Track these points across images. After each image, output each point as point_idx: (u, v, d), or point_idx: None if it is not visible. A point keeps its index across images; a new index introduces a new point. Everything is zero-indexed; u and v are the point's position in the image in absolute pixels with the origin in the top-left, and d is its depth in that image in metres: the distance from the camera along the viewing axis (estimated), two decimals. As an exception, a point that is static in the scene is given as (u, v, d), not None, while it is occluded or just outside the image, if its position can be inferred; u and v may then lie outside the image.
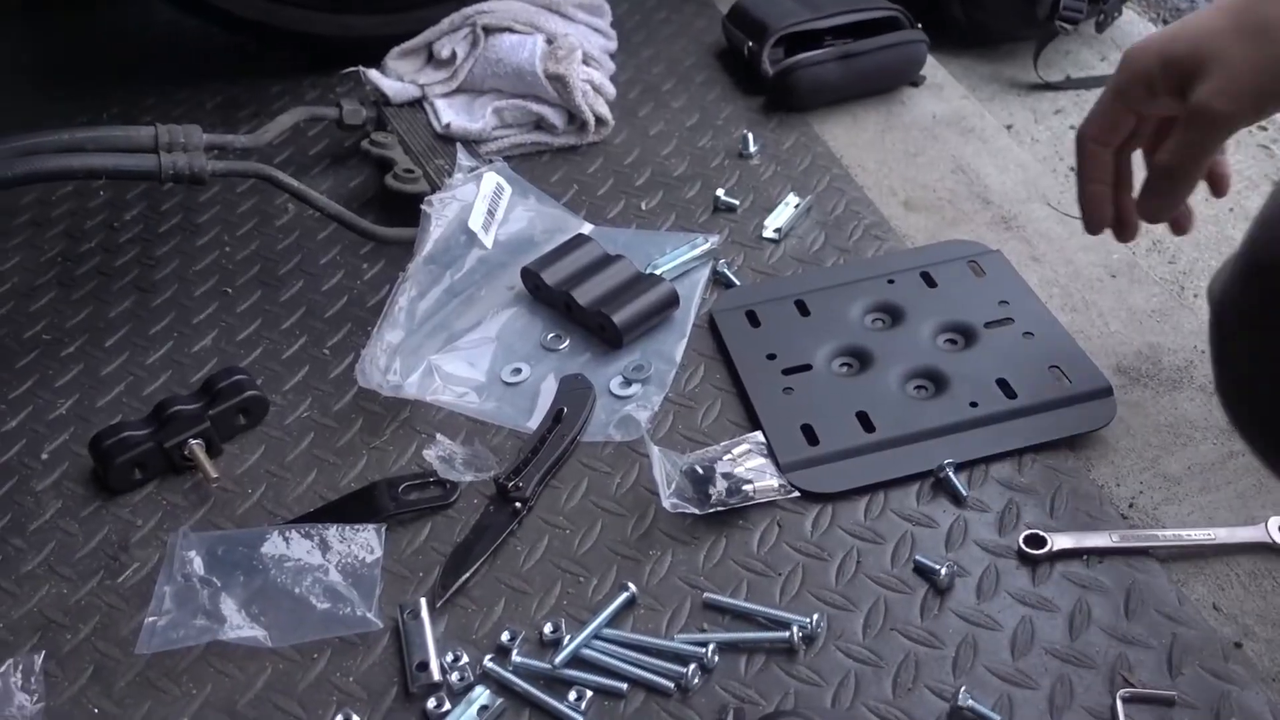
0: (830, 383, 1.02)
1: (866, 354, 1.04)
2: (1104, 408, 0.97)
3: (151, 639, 0.87)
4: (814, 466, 0.94)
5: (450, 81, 1.38)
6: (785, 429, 0.97)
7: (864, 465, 0.94)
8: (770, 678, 0.82)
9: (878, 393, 1.00)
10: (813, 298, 1.10)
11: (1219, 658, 0.80)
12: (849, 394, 1.00)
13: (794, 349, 1.05)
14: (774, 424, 0.98)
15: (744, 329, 1.08)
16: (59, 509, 0.99)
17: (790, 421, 0.98)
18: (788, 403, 1.00)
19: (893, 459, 0.95)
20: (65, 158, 1.07)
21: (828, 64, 1.39)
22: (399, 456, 1.01)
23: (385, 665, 0.85)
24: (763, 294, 1.12)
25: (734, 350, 1.06)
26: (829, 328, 1.07)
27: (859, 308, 1.09)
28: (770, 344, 1.06)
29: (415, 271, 1.09)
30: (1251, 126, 1.43)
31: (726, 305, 1.11)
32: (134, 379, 1.12)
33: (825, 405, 0.99)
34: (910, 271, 1.12)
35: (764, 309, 1.09)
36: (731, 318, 1.09)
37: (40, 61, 1.73)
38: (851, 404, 0.99)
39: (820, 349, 1.05)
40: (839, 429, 0.97)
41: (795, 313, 1.09)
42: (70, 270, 1.28)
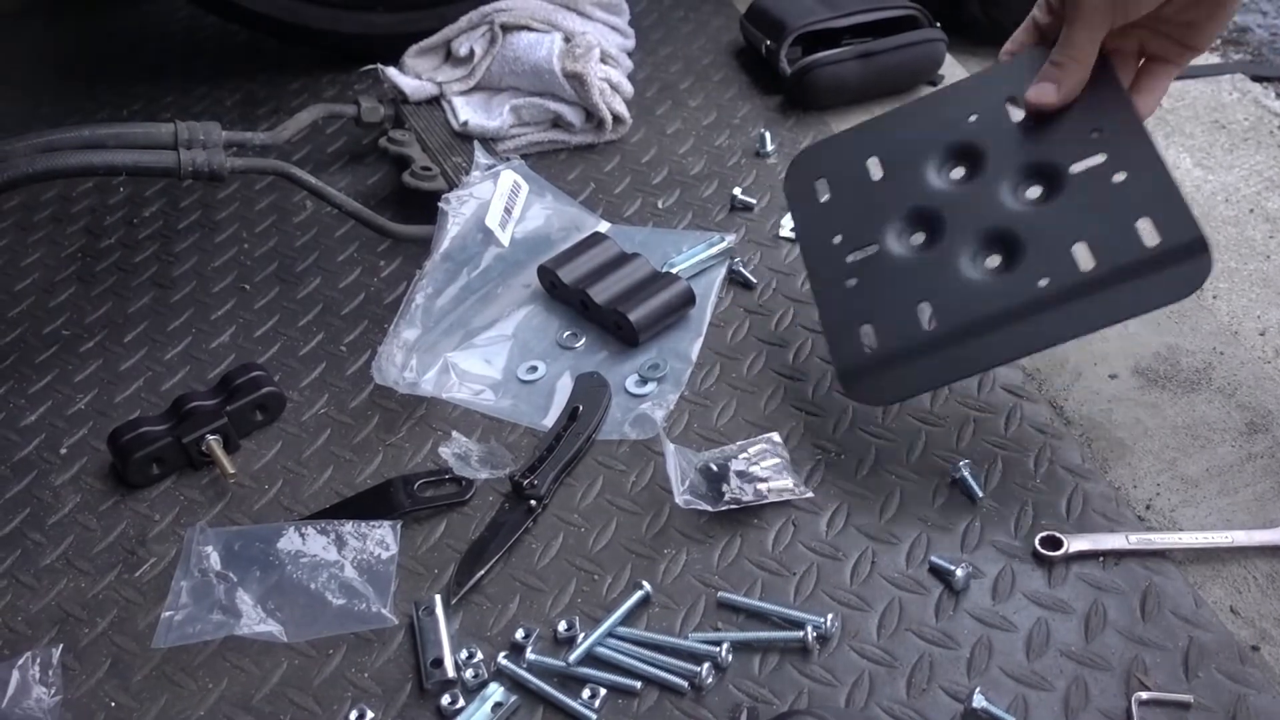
0: (894, 265, 0.92)
1: (938, 219, 0.92)
2: (1193, 270, 0.82)
3: (168, 633, 0.88)
4: (870, 374, 0.86)
5: (468, 79, 1.38)
6: (845, 330, 0.89)
7: (921, 369, 0.86)
8: (784, 677, 0.82)
9: (945, 273, 0.89)
10: (885, 149, 0.98)
11: (1236, 661, 0.80)
12: (913, 279, 0.90)
13: (858, 226, 0.94)
14: (833, 324, 0.90)
15: (812, 204, 0.98)
16: (77, 503, 1.00)
17: (850, 318, 0.89)
18: (850, 300, 0.91)
19: (951, 359, 0.86)
20: (86, 154, 1.08)
21: (846, 63, 1.39)
22: (415, 453, 1.01)
23: (400, 661, 0.85)
24: (834, 152, 1.01)
25: (801, 235, 0.99)
26: (899, 191, 0.95)
27: (936, 155, 0.96)
28: (837, 221, 0.96)
29: (432, 269, 1.09)
30: (1272, 126, 1.42)
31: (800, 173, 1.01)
32: (152, 374, 1.13)
33: (887, 297, 0.90)
34: (995, 108, 0.96)
35: (834, 173, 0.99)
36: (802, 190, 1.00)
37: (62, 59, 1.74)
38: (914, 292, 0.89)
39: (886, 223, 0.94)
40: (897, 325, 0.88)
41: (865, 175, 0.98)
42: (90, 266, 1.29)
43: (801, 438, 0.99)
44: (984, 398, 1.01)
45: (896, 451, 0.97)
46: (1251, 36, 1.73)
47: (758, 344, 1.09)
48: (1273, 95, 1.51)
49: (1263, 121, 1.44)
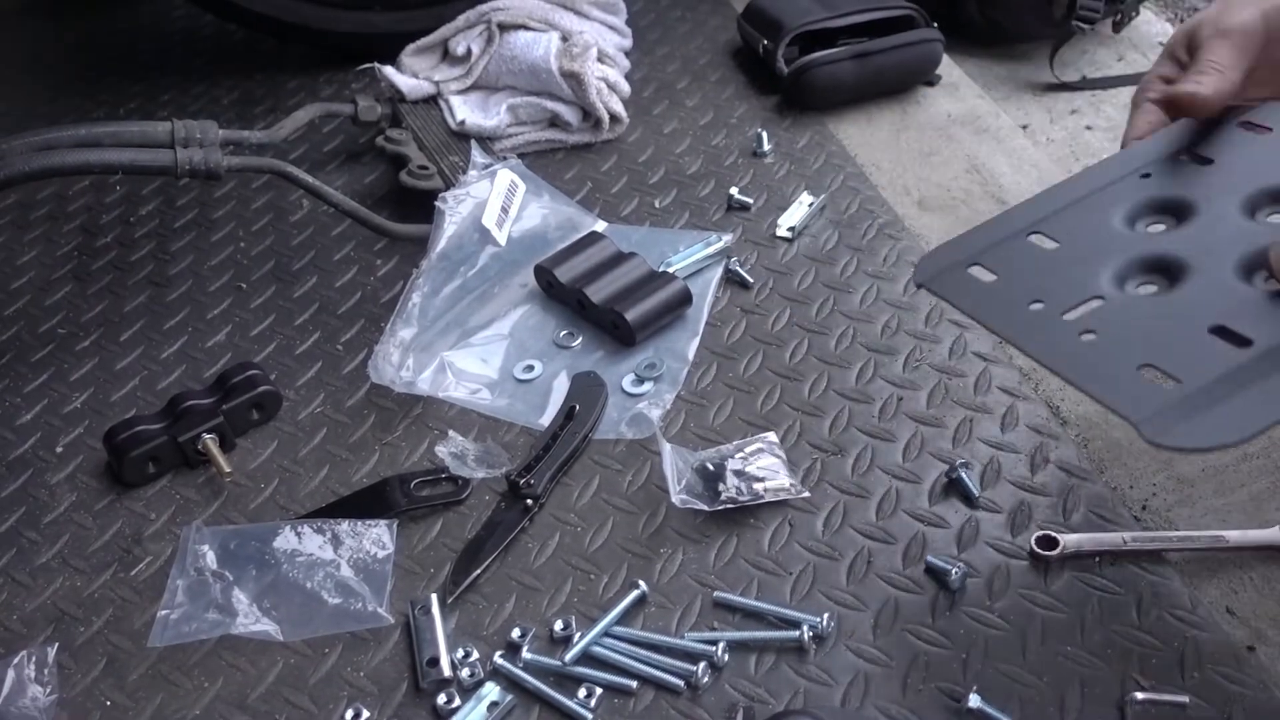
0: (1144, 307, 0.75)
1: (1171, 262, 0.77)
2: None
3: (164, 632, 0.88)
4: (1189, 415, 0.67)
5: (465, 78, 1.38)
6: (1115, 379, 0.70)
7: (1262, 393, 0.67)
8: (780, 677, 0.82)
9: (1224, 298, 0.73)
10: (1048, 225, 0.84)
11: (1231, 661, 0.80)
12: (1183, 310, 0.73)
13: (1062, 287, 0.78)
14: (1092, 377, 0.71)
15: (972, 285, 0.81)
16: (73, 502, 1.00)
17: (1117, 367, 0.71)
18: (1097, 347, 0.73)
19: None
20: (82, 153, 1.07)
21: (843, 63, 1.39)
22: (411, 452, 1.01)
23: (396, 661, 0.85)
24: (978, 242, 0.85)
25: (975, 311, 0.80)
26: (1094, 250, 0.80)
27: (1119, 217, 0.83)
28: (1024, 290, 0.79)
29: (429, 268, 1.09)
30: None
31: (934, 268, 0.84)
32: (148, 373, 1.13)
33: (1159, 333, 0.73)
34: (1168, 160, 0.86)
35: (988, 256, 0.83)
36: (951, 279, 0.82)
37: (57, 57, 1.74)
38: (1197, 320, 0.72)
39: (1100, 275, 0.78)
40: (1199, 355, 0.70)
41: (1034, 248, 0.82)
42: (86, 265, 1.28)
43: (798, 437, 0.99)
44: (980, 398, 1.01)
45: (893, 451, 0.97)
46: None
47: (754, 343, 1.09)
48: (1269, 96, 1.51)
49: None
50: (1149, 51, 1.61)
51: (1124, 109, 1.50)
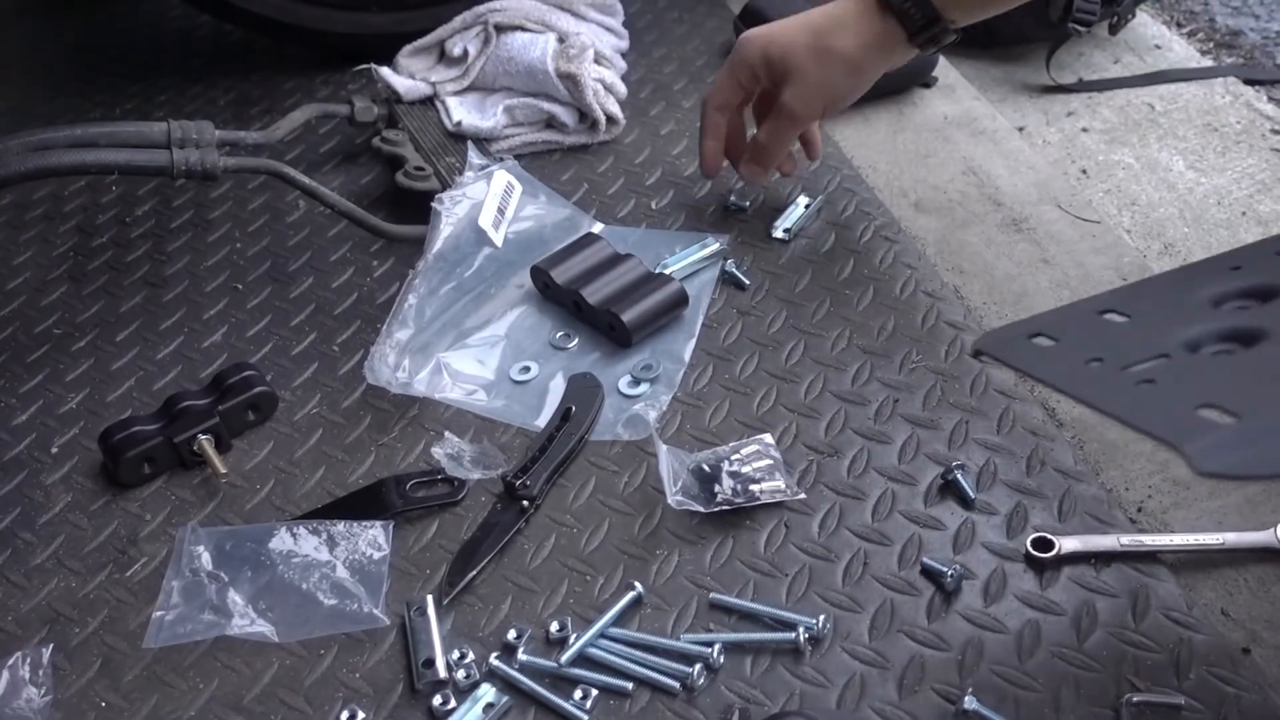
0: (1213, 362, 0.72)
1: (1249, 332, 0.72)
2: None
3: (159, 633, 0.88)
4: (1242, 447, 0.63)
5: (462, 79, 1.38)
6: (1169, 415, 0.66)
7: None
8: (776, 678, 0.82)
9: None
10: (1124, 305, 0.80)
11: (1227, 663, 0.80)
12: (1255, 366, 0.70)
13: (1127, 347, 0.74)
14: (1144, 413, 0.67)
15: (1033, 349, 0.78)
16: (68, 503, 1.00)
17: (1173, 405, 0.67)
18: (1154, 391, 0.69)
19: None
20: (78, 153, 1.07)
21: (839, 64, 1.38)
22: (407, 454, 1.01)
23: (391, 662, 0.85)
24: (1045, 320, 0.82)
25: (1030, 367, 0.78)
26: (1169, 320, 0.76)
27: (1203, 297, 0.78)
28: (1085, 351, 0.75)
29: (425, 269, 1.09)
30: (1264, 130, 1.43)
31: (997, 339, 0.82)
32: (144, 374, 1.12)
33: (1223, 381, 0.69)
34: (1263, 255, 0.82)
35: (1054, 327, 0.79)
36: (1011, 344, 0.80)
37: (54, 57, 1.73)
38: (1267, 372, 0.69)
39: (1170, 339, 0.73)
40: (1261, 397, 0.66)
41: (1104, 322, 0.78)
42: (82, 265, 1.28)
43: (794, 439, 0.99)
44: (976, 400, 1.01)
45: (888, 453, 0.97)
46: (1244, 40, 1.74)
47: (750, 345, 1.09)
48: (1265, 99, 1.52)
49: (1255, 125, 1.45)
50: (1145, 54, 1.62)
51: (1120, 111, 1.50)
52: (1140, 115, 1.49)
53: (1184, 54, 1.63)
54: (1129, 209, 1.34)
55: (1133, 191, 1.36)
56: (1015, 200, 1.26)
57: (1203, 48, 1.71)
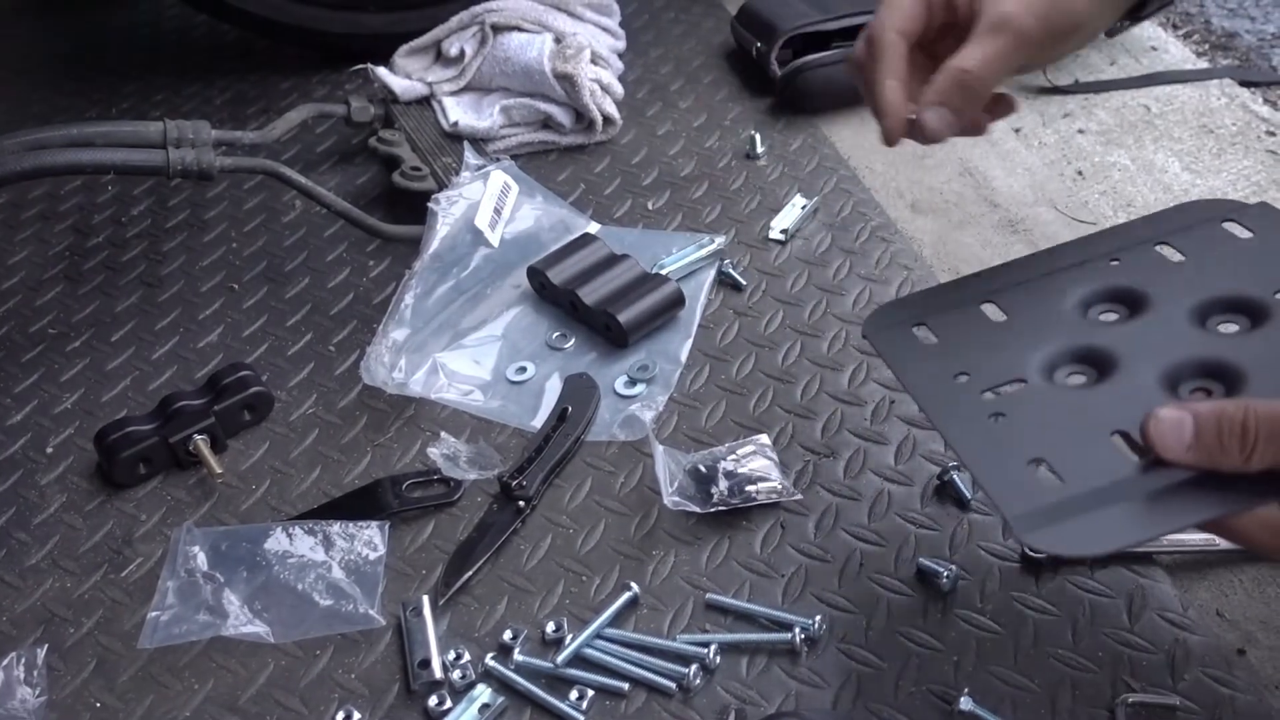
0: (1060, 397, 0.73)
1: (1104, 355, 0.74)
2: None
3: (154, 634, 0.87)
4: (1066, 520, 0.65)
5: (458, 79, 1.38)
6: (1004, 468, 0.68)
7: (1146, 509, 0.64)
8: (772, 679, 0.82)
9: (1137, 404, 0.68)
10: (1003, 298, 0.81)
11: (1222, 664, 0.80)
12: (1093, 409, 0.71)
13: (992, 363, 0.76)
14: (983, 463, 0.69)
15: (912, 345, 0.80)
16: (63, 503, 1.00)
17: (1009, 457, 0.69)
18: (999, 432, 0.71)
19: (1193, 494, 0.64)
20: (74, 152, 1.07)
21: (837, 65, 1.39)
22: (403, 454, 1.01)
23: (387, 662, 0.85)
24: (931, 303, 0.84)
25: (903, 373, 0.79)
26: (1037, 330, 0.78)
27: (1074, 299, 0.80)
28: (956, 360, 0.77)
29: (421, 269, 1.09)
30: (1260, 131, 1.43)
31: (883, 323, 0.83)
32: (140, 374, 1.12)
33: (1060, 428, 0.70)
34: (1141, 246, 0.83)
35: (937, 319, 0.81)
36: (893, 336, 0.82)
37: (50, 57, 1.73)
38: (1102, 422, 0.69)
39: (1031, 358, 0.75)
40: (1091, 458, 0.67)
41: (982, 318, 0.80)
42: (77, 265, 1.28)
43: (790, 439, 0.99)
44: (972, 400, 1.01)
45: (885, 454, 0.97)
46: (1239, 41, 1.74)
47: (747, 346, 1.09)
48: (1260, 100, 1.52)
49: (1250, 126, 1.45)
50: (1141, 56, 1.62)
51: (1116, 112, 1.50)
52: (1136, 117, 1.50)
53: (1180, 56, 1.63)
54: (1125, 210, 1.34)
55: (1128, 193, 1.36)
56: (1011, 201, 1.26)
57: (1198, 49, 1.71)
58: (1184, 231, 0.83)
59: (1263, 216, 0.83)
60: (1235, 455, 0.62)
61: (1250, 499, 0.64)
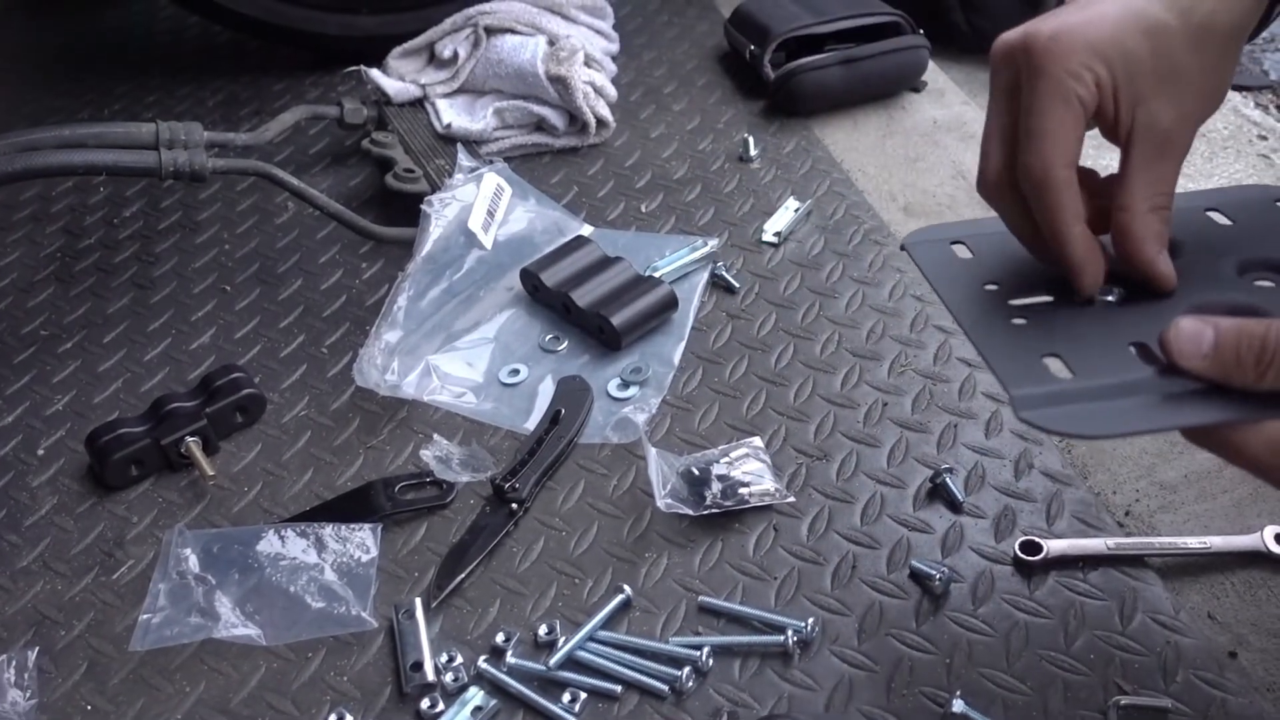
0: (1085, 311, 0.72)
1: (1136, 283, 0.72)
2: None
3: (146, 636, 0.87)
4: (1068, 403, 0.65)
5: (452, 82, 1.38)
6: (1015, 356, 0.69)
7: (1152, 404, 0.64)
8: (765, 681, 0.82)
9: (1160, 321, 0.67)
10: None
11: (1213, 666, 0.80)
12: (1116, 322, 0.70)
13: (1023, 278, 0.75)
14: (998, 350, 0.69)
15: (948, 257, 0.79)
16: (54, 505, 0.99)
17: (1023, 348, 0.69)
18: (1019, 332, 0.71)
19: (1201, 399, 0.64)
20: (66, 153, 1.07)
21: (829, 68, 1.39)
22: (396, 456, 1.01)
23: (379, 665, 0.85)
24: (976, 226, 0.82)
25: (933, 277, 0.78)
26: None
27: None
28: (988, 272, 0.76)
29: (414, 271, 1.09)
30: (1251, 135, 1.43)
31: (923, 238, 0.81)
32: (131, 375, 1.12)
33: (1081, 333, 0.70)
34: (1191, 209, 0.80)
35: (975, 240, 0.80)
36: (931, 249, 0.80)
37: (43, 57, 1.73)
38: (1122, 333, 0.69)
39: (1064, 281, 0.73)
40: (1105, 359, 0.67)
41: (1022, 250, 0.76)
42: (69, 266, 1.28)
43: (783, 442, 0.99)
44: (965, 403, 1.01)
45: (878, 457, 0.97)
46: (1231, 46, 1.75)
47: (740, 348, 1.09)
48: (1252, 104, 1.53)
49: (1242, 130, 1.46)
50: (1133, 59, 1.62)
51: (1108, 116, 1.50)
52: (1128, 120, 1.50)
53: (1172, 60, 1.63)
54: (1117, 214, 1.34)
55: (1121, 196, 1.36)
56: (1004, 204, 1.26)
57: (1190, 53, 1.71)
58: (1236, 203, 0.80)
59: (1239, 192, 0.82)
60: (1250, 370, 0.62)
61: (1261, 410, 0.63)
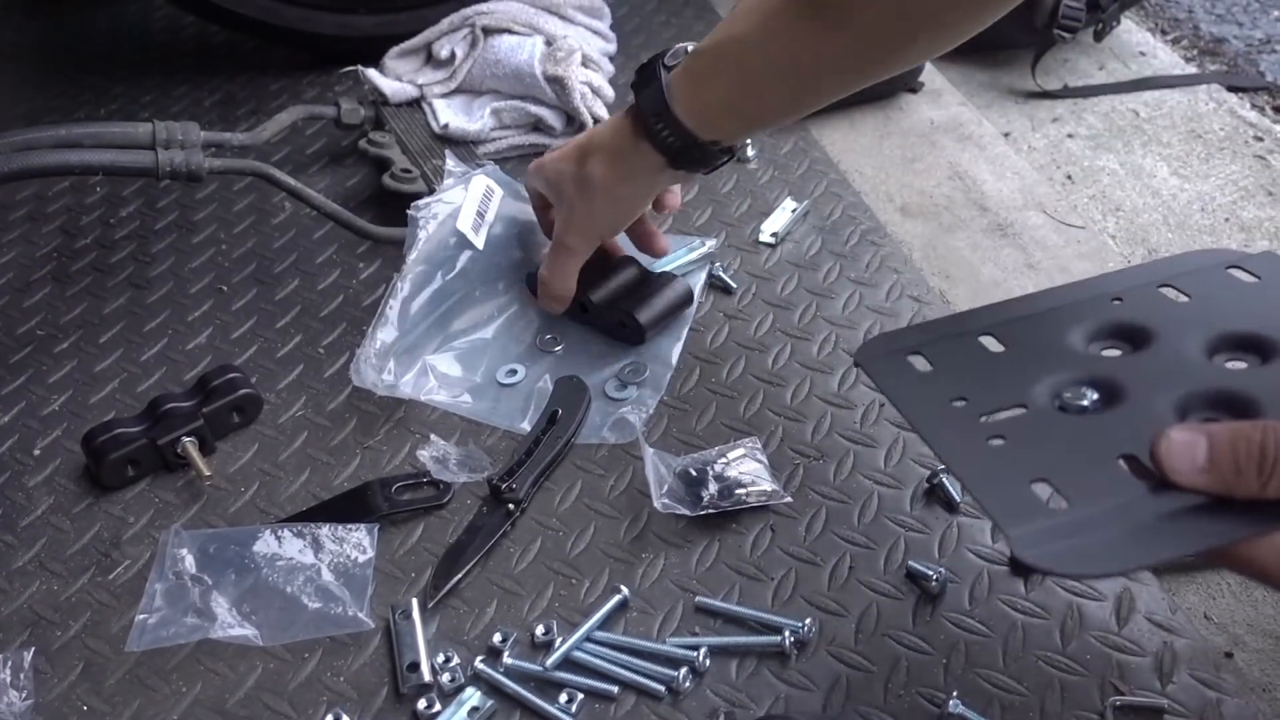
0: (1063, 422, 0.70)
1: (1110, 385, 0.71)
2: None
3: (142, 636, 0.87)
4: (1068, 538, 0.61)
5: (449, 82, 1.38)
6: (1004, 486, 0.65)
7: (1153, 532, 0.61)
8: (761, 682, 0.82)
9: (1145, 427, 0.65)
10: (1002, 330, 0.78)
11: (1210, 667, 0.80)
12: (1099, 434, 0.68)
13: (991, 389, 0.73)
14: (983, 481, 0.66)
15: (907, 372, 0.77)
16: (51, 505, 0.99)
17: (1010, 475, 0.66)
18: (999, 453, 0.68)
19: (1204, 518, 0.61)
20: (62, 153, 1.07)
21: (826, 69, 1.39)
22: (393, 456, 1.01)
23: (376, 666, 0.85)
24: (926, 335, 0.80)
25: (896, 397, 0.76)
26: (1039, 360, 0.75)
27: (1079, 335, 0.77)
28: (953, 385, 0.74)
29: (408, 272, 1.09)
30: (1247, 136, 1.43)
31: (876, 352, 0.80)
32: (128, 375, 1.12)
33: (1066, 452, 0.67)
34: (1144, 287, 0.80)
35: (932, 348, 0.78)
36: (887, 364, 0.78)
37: (39, 57, 1.72)
38: (1108, 445, 0.66)
39: (1034, 385, 0.72)
40: (1096, 481, 0.64)
41: (980, 348, 0.77)
42: (66, 266, 1.28)
43: (780, 443, 0.99)
44: (962, 404, 1.01)
45: (875, 457, 0.97)
46: (1227, 47, 1.75)
47: (737, 349, 1.09)
48: (1248, 105, 1.53)
49: (1238, 131, 1.46)
50: (1130, 61, 1.62)
51: (1105, 117, 1.51)
52: (1125, 121, 1.50)
53: (1168, 61, 1.64)
54: (1113, 214, 1.34)
55: (1117, 197, 1.37)
56: (1001, 205, 1.26)
57: (1187, 55, 1.72)
58: (1188, 275, 0.80)
59: (1268, 262, 0.80)
60: (1252, 479, 0.58)
61: (1268, 522, 0.59)
